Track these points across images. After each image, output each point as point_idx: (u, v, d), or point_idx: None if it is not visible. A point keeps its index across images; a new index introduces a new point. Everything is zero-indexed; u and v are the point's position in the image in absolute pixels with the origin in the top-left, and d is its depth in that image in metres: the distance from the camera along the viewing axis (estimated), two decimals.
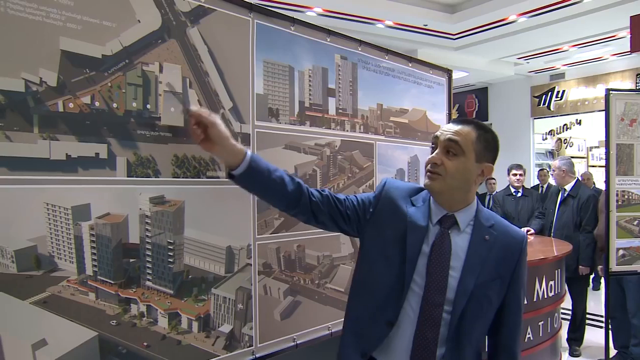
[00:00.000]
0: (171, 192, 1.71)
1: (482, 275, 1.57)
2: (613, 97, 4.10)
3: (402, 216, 1.63)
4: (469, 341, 1.59)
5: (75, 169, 1.48)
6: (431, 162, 1.56)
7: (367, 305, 1.65)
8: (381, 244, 1.64)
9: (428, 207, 1.64)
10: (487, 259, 1.59)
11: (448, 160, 1.55)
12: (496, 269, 1.60)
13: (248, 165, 1.55)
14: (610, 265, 4.06)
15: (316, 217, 1.69)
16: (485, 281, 1.57)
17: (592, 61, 10.05)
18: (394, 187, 1.70)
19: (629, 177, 4.10)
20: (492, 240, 1.61)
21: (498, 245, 1.61)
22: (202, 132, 1.53)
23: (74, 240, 1.48)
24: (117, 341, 1.57)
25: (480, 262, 1.58)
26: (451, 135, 1.55)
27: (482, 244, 1.59)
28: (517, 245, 1.64)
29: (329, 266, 2.32)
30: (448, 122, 3.14)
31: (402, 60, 2.79)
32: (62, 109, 1.45)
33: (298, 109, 2.17)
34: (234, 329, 1.91)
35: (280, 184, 1.60)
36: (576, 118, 11.18)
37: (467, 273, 1.56)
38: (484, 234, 1.61)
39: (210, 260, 1.83)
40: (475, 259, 1.57)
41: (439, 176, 1.55)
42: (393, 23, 7.66)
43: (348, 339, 1.68)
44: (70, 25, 1.46)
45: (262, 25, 2.01)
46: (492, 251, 1.59)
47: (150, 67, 1.66)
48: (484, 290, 1.57)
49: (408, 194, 1.68)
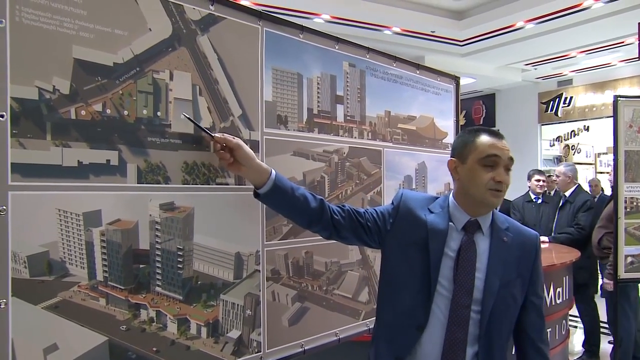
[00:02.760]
0: (181, 199, 1.72)
1: (505, 275, 1.66)
2: (621, 103, 4.10)
3: (422, 224, 1.70)
4: (498, 338, 1.68)
5: (87, 175, 1.49)
6: (505, 182, 1.63)
7: (397, 312, 1.72)
8: (404, 253, 1.72)
9: (447, 213, 1.72)
10: (508, 259, 1.68)
11: (507, 176, 1.65)
12: (517, 268, 1.70)
13: (273, 184, 1.66)
14: (619, 273, 4.04)
15: (338, 232, 1.76)
16: (508, 280, 1.67)
17: (600, 67, 10.03)
18: (411, 198, 1.78)
19: (638, 183, 4.09)
20: (510, 241, 1.71)
21: (515, 245, 1.71)
22: (230, 155, 1.64)
23: (85, 246, 1.49)
24: (127, 346, 1.59)
25: (502, 262, 1.67)
26: (511, 154, 1.66)
27: (502, 245, 1.69)
28: (532, 244, 1.75)
29: (336, 272, 2.33)
30: (456, 128, 3.15)
31: (410, 68, 2.80)
32: (74, 117, 1.47)
33: (306, 116, 2.19)
34: (243, 334, 1.92)
35: (303, 202, 1.69)
36: (584, 124, 11.15)
37: (491, 273, 1.65)
38: (502, 236, 1.70)
39: (219, 266, 1.85)
40: (497, 260, 1.67)
41: (501, 193, 1.64)
42: (400, 29, 7.69)
43: (381, 347, 1.75)
44: (83, 34, 1.48)
45: (271, 33, 2.03)
46: (510, 251, 1.69)
47: (160, 74, 1.68)
48: (507, 289, 1.67)
49: (425, 203, 1.77)
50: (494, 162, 1.62)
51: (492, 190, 1.62)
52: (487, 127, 1.74)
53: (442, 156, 3.04)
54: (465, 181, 1.67)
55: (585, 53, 9.02)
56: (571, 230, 4.95)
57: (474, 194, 1.65)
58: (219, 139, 1.65)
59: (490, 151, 1.62)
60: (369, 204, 2.50)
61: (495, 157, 1.62)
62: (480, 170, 1.62)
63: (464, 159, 1.68)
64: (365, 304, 2.49)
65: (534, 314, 1.74)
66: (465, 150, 1.68)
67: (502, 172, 1.62)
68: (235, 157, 1.65)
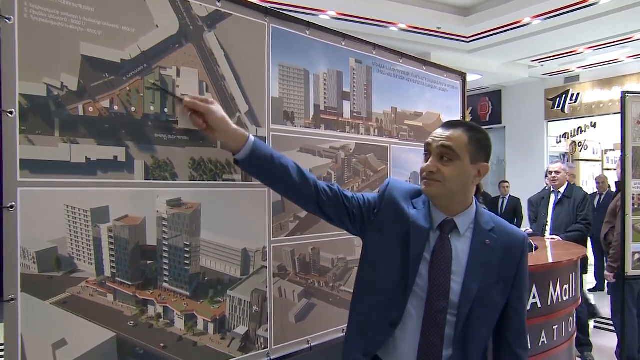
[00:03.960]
0: (188, 195, 1.73)
1: (485, 279, 1.60)
2: (629, 99, 4.07)
3: (404, 216, 1.65)
4: (475, 343, 1.61)
5: (95, 171, 1.50)
6: (426, 170, 1.58)
7: (371, 305, 1.67)
8: (384, 244, 1.67)
9: (428, 210, 1.66)
10: (489, 262, 1.61)
11: (443, 166, 1.57)
12: (498, 272, 1.62)
13: (250, 150, 1.61)
14: (626, 270, 4.02)
15: (322, 209, 1.71)
16: (488, 285, 1.60)
17: (608, 63, 9.97)
18: (397, 188, 1.72)
19: None
20: (493, 243, 1.63)
21: (499, 248, 1.63)
22: (203, 121, 1.61)
23: (93, 242, 1.50)
24: (135, 342, 1.59)
25: (482, 266, 1.60)
26: (444, 142, 1.57)
27: (483, 248, 1.62)
28: (518, 247, 1.67)
29: (343, 269, 2.33)
30: None
31: (417, 64, 2.80)
32: (82, 113, 1.47)
33: (313, 112, 2.19)
34: (249, 330, 1.93)
35: (284, 171, 1.64)
36: (591, 121, 11.09)
37: (469, 277, 1.58)
38: (485, 238, 1.63)
39: (226, 262, 1.85)
40: (477, 263, 1.60)
41: (437, 182, 1.58)
42: (406, 26, 7.67)
43: (351, 339, 1.71)
44: (90, 31, 1.49)
45: (278, 30, 2.03)
46: (493, 255, 1.62)
47: (167, 71, 1.68)
48: (487, 293, 1.60)
49: (409, 196, 1.70)
50: (427, 151, 1.61)
51: (423, 179, 1.60)
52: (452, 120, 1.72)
53: None
54: None
55: (593, 49, 8.97)
56: (581, 227, 4.94)
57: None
58: (189, 103, 1.61)
59: (426, 141, 1.63)
60: None
61: (427, 145, 1.62)
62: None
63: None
64: None
65: (515, 319, 1.68)
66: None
67: (429, 160, 1.59)
68: (208, 122, 1.61)
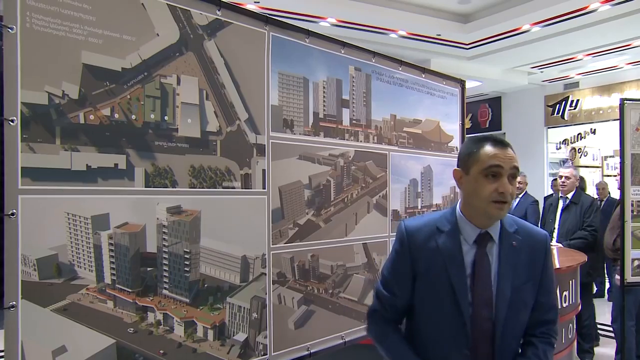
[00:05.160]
0: (188, 202, 1.74)
1: (515, 279, 1.62)
2: (628, 106, 4.07)
3: (436, 253, 1.63)
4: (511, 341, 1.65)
5: (95, 179, 1.51)
6: (507, 192, 1.55)
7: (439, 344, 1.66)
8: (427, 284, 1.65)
9: (457, 228, 1.65)
10: (518, 263, 1.64)
11: (510, 186, 1.56)
12: (527, 272, 1.65)
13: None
14: (626, 276, 4.02)
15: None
16: (519, 285, 1.63)
17: (607, 70, 9.98)
18: (416, 230, 1.68)
19: None
20: (519, 245, 1.65)
21: (525, 248, 1.66)
22: None
23: (93, 249, 1.51)
24: (134, 348, 1.60)
25: (512, 267, 1.63)
26: (515, 163, 1.58)
27: (511, 250, 1.64)
28: (542, 245, 1.70)
29: (342, 276, 2.34)
30: (461, 132, 3.15)
31: (416, 71, 2.81)
32: (83, 121, 1.49)
33: (312, 120, 2.20)
34: (249, 337, 1.93)
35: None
36: (591, 127, 11.08)
37: (502, 280, 1.61)
38: (511, 240, 1.65)
39: (226, 269, 1.86)
40: (507, 266, 1.62)
41: (508, 204, 1.56)
42: (406, 33, 7.68)
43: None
44: (92, 40, 1.50)
45: (278, 38, 2.05)
46: (520, 255, 1.64)
47: (168, 79, 1.69)
48: (519, 293, 1.63)
49: (431, 226, 1.68)
50: (496, 172, 1.56)
51: (496, 202, 1.55)
52: (493, 136, 1.66)
53: (447, 160, 3.04)
54: (469, 193, 1.61)
55: (592, 56, 8.98)
56: (585, 235, 4.90)
57: (477, 206, 1.59)
58: None
59: (493, 162, 1.56)
60: (375, 208, 2.51)
61: (497, 167, 1.56)
62: (483, 182, 1.56)
63: (467, 169, 1.61)
64: None
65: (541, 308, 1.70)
66: (469, 161, 1.61)
67: (505, 182, 1.55)
68: None
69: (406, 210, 2.73)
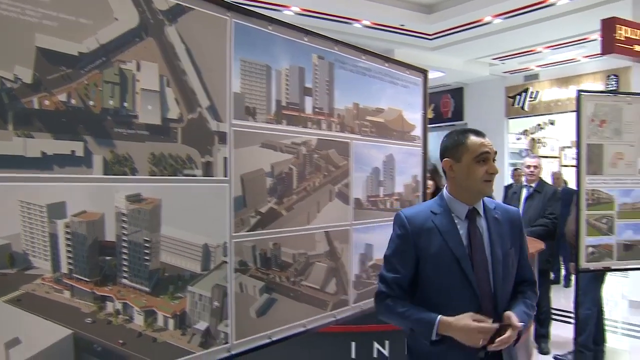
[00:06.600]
0: (148, 190, 1.71)
1: (503, 246, 1.96)
2: (584, 98, 4.18)
3: (434, 232, 1.93)
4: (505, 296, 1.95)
5: (51, 166, 1.47)
6: (495, 172, 1.92)
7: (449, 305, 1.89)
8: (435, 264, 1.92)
9: (447, 208, 1.97)
10: (502, 232, 1.99)
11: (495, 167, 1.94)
12: (510, 240, 2.00)
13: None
14: (580, 262, 4.15)
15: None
16: (506, 250, 1.97)
17: (565, 63, 10.23)
18: (414, 216, 1.98)
19: (599, 176, 4.19)
20: (500, 217, 2.01)
21: (505, 221, 2.02)
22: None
23: (49, 238, 1.47)
24: (93, 339, 1.57)
25: (499, 235, 1.97)
26: (495, 149, 1.98)
27: (495, 222, 1.99)
28: (517, 218, 2.08)
29: (304, 264, 2.34)
30: (423, 121, 3.18)
31: (379, 60, 2.82)
32: (37, 106, 1.44)
33: (275, 107, 2.19)
34: (210, 326, 1.92)
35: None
36: (549, 118, 11.36)
37: (493, 246, 1.94)
38: (494, 215, 2.01)
39: (187, 258, 1.84)
40: (495, 234, 1.97)
41: (492, 182, 1.94)
42: (370, 23, 7.71)
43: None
44: (46, 22, 1.45)
45: (240, 25, 2.02)
46: (503, 226, 2.00)
47: (127, 65, 1.66)
48: (507, 257, 1.96)
49: (426, 210, 2.00)
50: (485, 157, 1.92)
51: (486, 181, 1.91)
52: (471, 128, 2.03)
53: (410, 148, 3.08)
54: (462, 177, 1.93)
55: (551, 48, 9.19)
56: (547, 222, 5.04)
57: (471, 186, 1.93)
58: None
59: (482, 149, 1.92)
60: (337, 196, 2.52)
61: (486, 153, 1.92)
62: (475, 166, 1.90)
63: (458, 158, 1.93)
64: (333, 295, 2.51)
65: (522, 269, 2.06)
66: (458, 151, 1.94)
67: (493, 165, 1.93)
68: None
69: (368, 199, 2.75)
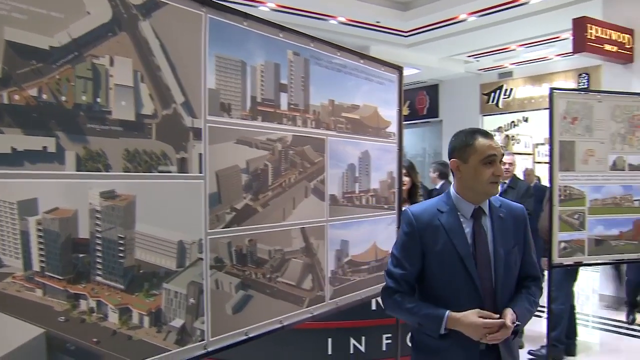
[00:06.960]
0: (122, 187, 1.70)
1: (506, 244, 2.03)
2: (556, 95, 4.26)
3: (440, 230, 2.01)
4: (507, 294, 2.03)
5: (22, 162, 1.45)
6: (502, 174, 1.99)
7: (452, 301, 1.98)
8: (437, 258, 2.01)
9: (454, 207, 2.04)
10: (506, 231, 2.05)
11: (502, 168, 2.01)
12: (514, 238, 2.07)
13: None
14: (553, 257, 4.22)
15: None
16: (509, 249, 2.03)
17: (538, 61, 10.39)
18: (420, 213, 2.07)
19: (571, 172, 4.27)
20: (505, 216, 2.07)
21: (509, 219, 2.08)
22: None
23: (20, 236, 1.45)
24: (66, 337, 1.55)
25: (503, 234, 2.03)
26: (502, 150, 2.02)
27: (499, 220, 2.05)
28: (521, 216, 2.13)
29: (280, 260, 2.35)
30: (399, 118, 3.20)
31: (354, 57, 2.83)
32: (7, 101, 1.41)
33: (250, 104, 2.18)
34: (186, 323, 1.91)
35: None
36: (523, 115, 11.53)
37: (496, 245, 2.01)
38: (498, 213, 2.07)
39: (162, 255, 1.83)
40: (498, 233, 2.03)
41: (499, 183, 2.00)
42: (346, 19, 7.73)
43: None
44: (15, 15, 1.42)
45: (215, 20, 2.01)
46: (507, 225, 2.06)
47: (100, 60, 1.63)
48: (510, 255, 2.03)
49: (433, 208, 2.07)
50: (492, 159, 1.96)
51: (493, 183, 1.97)
52: (480, 129, 2.07)
53: (385, 145, 3.09)
54: (469, 177, 1.99)
55: (525, 46, 9.33)
56: None
57: (477, 187, 1.99)
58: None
59: (490, 152, 1.96)
60: (313, 192, 2.53)
61: (494, 156, 1.97)
62: (482, 168, 1.96)
63: (465, 159, 1.99)
64: (309, 291, 2.52)
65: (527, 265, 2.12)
66: (466, 152, 1.99)
67: (499, 167, 1.97)
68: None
69: (344, 195, 2.76)
